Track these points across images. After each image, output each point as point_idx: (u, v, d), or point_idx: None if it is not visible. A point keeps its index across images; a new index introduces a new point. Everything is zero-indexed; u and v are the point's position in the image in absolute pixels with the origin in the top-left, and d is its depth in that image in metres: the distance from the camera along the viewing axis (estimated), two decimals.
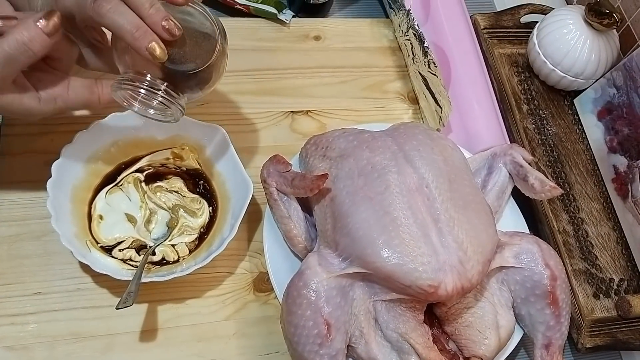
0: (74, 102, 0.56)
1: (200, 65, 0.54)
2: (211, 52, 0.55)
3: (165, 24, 0.51)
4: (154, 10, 0.51)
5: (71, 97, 0.56)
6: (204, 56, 0.54)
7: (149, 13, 0.50)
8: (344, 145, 0.64)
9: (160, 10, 0.51)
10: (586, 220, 0.76)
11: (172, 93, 0.54)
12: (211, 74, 0.56)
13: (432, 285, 0.55)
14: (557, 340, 0.61)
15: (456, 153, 0.66)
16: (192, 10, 0.55)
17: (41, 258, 0.64)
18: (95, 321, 0.62)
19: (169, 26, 0.51)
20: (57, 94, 0.55)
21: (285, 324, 0.57)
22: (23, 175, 0.67)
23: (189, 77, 0.54)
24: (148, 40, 0.50)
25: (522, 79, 0.85)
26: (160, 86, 0.53)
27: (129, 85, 0.53)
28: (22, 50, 0.50)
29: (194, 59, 0.54)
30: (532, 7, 0.90)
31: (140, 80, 0.53)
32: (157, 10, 0.51)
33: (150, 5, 0.51)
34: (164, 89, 0.53)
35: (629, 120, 0.74)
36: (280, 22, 0.86)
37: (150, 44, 0.50)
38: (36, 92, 0.54)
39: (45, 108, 0.55)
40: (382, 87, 0.85)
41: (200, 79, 0.55)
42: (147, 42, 0.50)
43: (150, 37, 0.50)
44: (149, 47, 0.50)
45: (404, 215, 0.57)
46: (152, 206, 0.67)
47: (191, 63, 0.54)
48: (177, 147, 0.70)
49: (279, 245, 0.66)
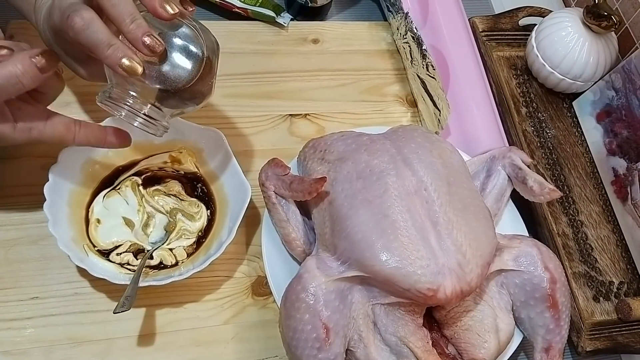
0: (49, 135, 0.55)
1: (184, 83, 0.53)
2: (196, 69, 0.53)
3: (147, 39, 0.49)
4: (134, 25, 0.49)
5: (47, 130, 0.55)
6: (188, 74, 0.53)
7: (129, 28, 0.49)
8: (342, 148, 0.64)
9: (141, 25, 0.49)
10: (586, 222, 0.76)
11: (153, 115, 0.53)
12: (197, 92, 0.55)
13: (431, 288, 0.54)
14: (557, 344, 0.61)
15: (455, 156, 0.66)
16: (180, 25, 0.53)
17: (38, 262, 0.64)
18: (93, 326, 0.62)
19: (150, 42, 0.49)
20: (33, 125, 0.55)
21: (284, 328, 0.56)
22: (20, 179, 0.67)
23: (173, 94, 0.53)
24: (120, 56, 0.49)
25: (520, 81, 0.85)
26: (139, 112, 0.53)
27: (111, 104, 0.53)
28: (12, 82, 0.51)
29: (177, 76, 0.52)
30: (530, 10, 0.90)
31: (122, 101, 0.52)
32: (138, 26, 0.49)
33: (132, 20, 0.49)
34: (143, 114, 0.53)
35: (628, 123, 0.74)
36: (278, 25, 0.86)
37: (122, 60, 0.49)
38: (13, 120, 0.54)
39: (19, 137, 0.55)
40: (380, 90, 0.85)
41: (185, 97, 0.54)
42: (118, 59, 0.49)
43: (123, 54, 0.49)
44: (121, 64, 0.49)
45: (403, 219, 0.57)
46: (150, 210, 0.67)
47: (174, 81, 0.52)
48: (175, 150, 0.70)
49: (277, 249, 0.65)
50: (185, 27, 0.53)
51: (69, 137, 0.56)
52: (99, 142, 0.58)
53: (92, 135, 0.58)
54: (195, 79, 0.53)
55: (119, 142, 0.60)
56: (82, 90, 0.74)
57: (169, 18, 0.50)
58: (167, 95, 0.53)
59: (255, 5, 0.84)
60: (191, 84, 0.53)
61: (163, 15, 0.50)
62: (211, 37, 0.55)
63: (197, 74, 0.53)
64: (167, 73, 0.52)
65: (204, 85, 0.55)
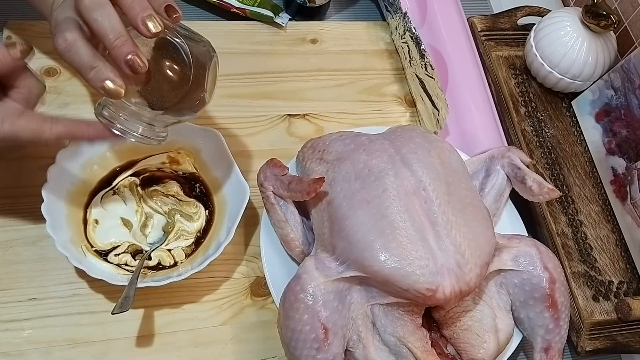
0: (22, 127, 0.53)
1: (173, 101, 0.52)
2: (184, 86, 0.52)
3: (130, 58, 0.48)
4: (119, 42, 0.48)
5: (20, 122, 0.53)
6: (175, 92, 0.52)
7: (112, 45, 0.49)
8: (341, 148, 0.64)
9: (125, 43, 0.48)
10: (585, 222, 0.75)
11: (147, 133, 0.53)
12: (190, 105, 0.54)
13: (430, 288, 0.54)
14: (556, 344, 0.61)
15: (453, 156, 0.66)
16: (165, 39, 0.52)
17: (36, 263, 0.64)
18: (91, 327, 0.62)
19: (132, 62, 0.48)
20: (6, 116, 0.53)
21: (283, 329, 0.56)
22: (18, 180, 0.67)
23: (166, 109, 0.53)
24: (102, 79, 0.49)
25: (519, 81, 0.85)
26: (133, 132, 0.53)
27: (106, 121, 0.53)
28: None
29: (164, 95, 0.52)
30: (529, 9, 0.90)
31: (116, 120, 0.52)
32: (122, 44, 0.48)
33: (115, 36, 0.48)
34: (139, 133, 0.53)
35: (627, 122, 0.74)
36: (276, 26, 0.86)
37: (104, 83, 0.49)
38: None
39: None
40: (379, 90, 0.84)
41: (178, 110, 0.54)
42: (100, 82, 0.49)
43: (105, 76, 0.49)
44: (103, 87, 0.49)
45: (402, 219, 0.57)
46: (148, 210, 0.66)
47: (162, 99, 0.52)
48: (173, 151, 0.70)
49: (276, 250, 0.65)
50: (171, 41, 0.52)
51: (45, 128, 0.53)
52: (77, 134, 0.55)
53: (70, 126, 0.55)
54: (184, 94, 0.53)
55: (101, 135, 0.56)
56: (82, 90, 0.74)
57: (151, 36, 0.49)
58: (158, 112, 0.53)
59: (253, 5, 0.84)
60: (179, 101, 0.53)
61: (145, 34, 0.49)
62: (202, 46, 0.54)
63: (186, 89, 0.53)
64: (153, 92, 0.52)
65: (195, 97, 0.54)
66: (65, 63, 0.52)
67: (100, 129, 0.54)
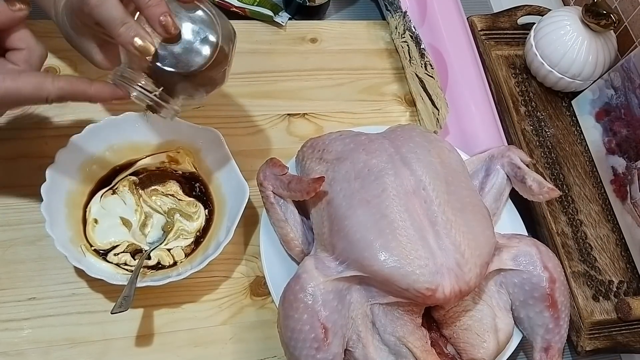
0: (24, 82, 0.52)
1: (197, 67, 0.53)
2: (210, 56, 0.53)
3: (163, 19, 0.49)
4: (153, 2, 0.49)
5: (22, 78, 0.52)
6: (201, 59, 0.53)
7: (147, 4, 0.49)
8: (340, 148, 0.64)
9: (160, 4, 0.50)
10: (585, 222, 0.75)
11: (164, 98, 0.53)
12: (209, 78, 0.55)
13: (430, 288, 0.54)
14: (556, 343, 0.61)
15: (453, 155, 0.65)
16: (198, 11, 0.53)
17: (36, 263, 0.63)
18: (91, 326, 0.62)
19: (165, 22, 0.49)
20: (7, 73, 0.52)
21: (282, 329, 0.56)
22: (17, 179, 0.67)
23: (185, 78, 0.53)
24: (132, 35, 0.49)
25: (519, 80, 0.85)
26: (150, 94, 0.52)
27: (123, 83, 0.53)
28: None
29: (190, 60, 0.52)
30: (529, 9, 0.90)
31: (134, 81, 0.52)
32: (156, 4, 0.49)
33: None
34: (155, 95, 0.53)
35: (627, 122, 0.74)
36: (276, 25, 0.86)
37: (134, 39, 0.49)
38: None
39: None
40: (379, 89, 0.84)
41: (197, 82, 0.54)
42: (131, 38, 0.49)
43: (135, 32, 0.49)
44: (133, 43, 0.49)
45: (401, 218, 0.57)
46: (147, 210, 0.66)
47: (187, 64, 0.52)
48: (173, 150, 0.69)
49: (275, 249, 0.65)
50: (202, 12, 0.53)
51: (47, 82, 0.52)
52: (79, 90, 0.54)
53: (73, 82, 0.54)
54: (208, 64, 0.53)
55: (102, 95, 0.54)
56: None
57: (189, 0, 0.51)
58: (179, 78, 0.53)
59: (253, 4, 0.84)
60: (204, 70, 0.53)
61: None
62: (228, 25, 0.55)
63: (211, 59, 0.53)
64: (180, 56, 0.52)
65: (216, 72, 0.55)
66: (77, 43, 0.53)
67: (102, 89, 0.54)
